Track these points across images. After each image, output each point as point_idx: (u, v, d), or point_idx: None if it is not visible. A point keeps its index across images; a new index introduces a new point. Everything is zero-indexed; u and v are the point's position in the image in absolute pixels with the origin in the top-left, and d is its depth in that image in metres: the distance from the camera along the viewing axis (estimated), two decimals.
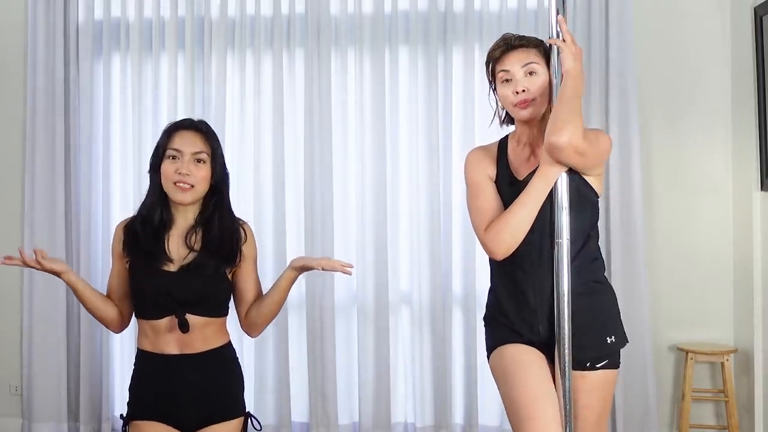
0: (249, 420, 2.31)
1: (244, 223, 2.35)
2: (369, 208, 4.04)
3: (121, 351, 4.15)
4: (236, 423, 2.26)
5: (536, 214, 2.13)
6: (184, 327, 2.15)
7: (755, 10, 3.72)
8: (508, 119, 2.34)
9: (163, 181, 2.21)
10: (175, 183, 2.19)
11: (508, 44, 2.21)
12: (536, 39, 2.25)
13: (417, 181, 4.05)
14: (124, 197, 4.11)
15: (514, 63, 2.19)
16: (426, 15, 4.05)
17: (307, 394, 4.07)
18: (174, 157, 2.20)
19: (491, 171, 2.25)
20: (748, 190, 3.83)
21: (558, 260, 2.13)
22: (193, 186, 2.20)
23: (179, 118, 3.96)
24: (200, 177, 2.21)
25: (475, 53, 4.01)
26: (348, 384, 4.11)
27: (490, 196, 2.20)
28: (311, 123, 4.05)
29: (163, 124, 2.47)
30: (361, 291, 4.05)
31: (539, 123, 2.22)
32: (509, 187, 2.20)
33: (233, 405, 2.28)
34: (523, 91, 2.16)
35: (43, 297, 4.09)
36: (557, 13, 2.17)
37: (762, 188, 3.72)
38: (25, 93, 4.17)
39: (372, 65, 4.06)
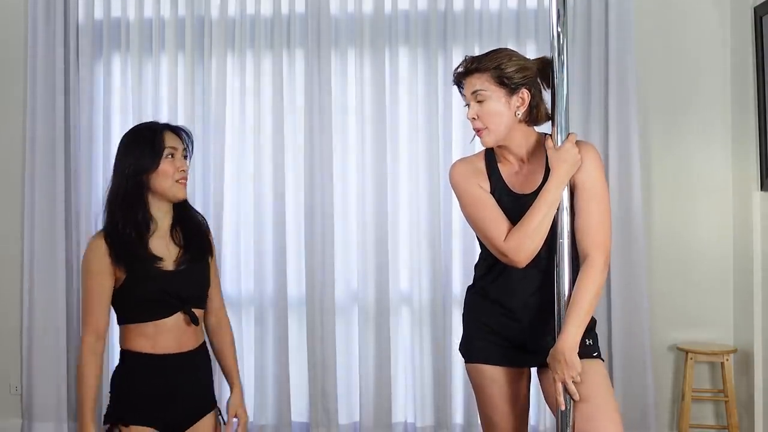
0: (219, 413, 2.36)
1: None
2: (369, 208, 4.04)
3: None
4: (212, 416, 2.31)
5: (552, 219, 2.14)
6: (195, 320, 2.23)
7: (755, 10, 3.72)
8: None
9: (161, 181, 2.20)
10: (176, 180, 2.21)
11: (465, 69, 2.22)
12: (496, 59, 2.17)
13: (417, 181, 4.05)
14: None
15: (467, 89, 2.20)
16: (426, 15, 4.05)
17: (307, 394, 4.07)
18: (172, 155, 2.22)
19: (484, 184, 2.25)
20: (748, 190, 3.83)
21: (558, 260, 2.14)
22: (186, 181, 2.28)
23: (179, 118, 4.05)
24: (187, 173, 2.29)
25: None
26: (348, 384, 4.11)
27: (495, 206, 2.20)
28: (311, 123, 4.05)
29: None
30: (362, 291, 4.05)
31: (516, 136, 2.21)
32: (511, 202, 2.21)
33: (211, 399, 2.34)
34: (473, 119, 2.19)
35: (43, 297, 4.08)
36: (557, 15, 2.16)
37: (762, 188, 3.72)
38: (25, 93, 4.17)
39: (372, 65, 4.06)
